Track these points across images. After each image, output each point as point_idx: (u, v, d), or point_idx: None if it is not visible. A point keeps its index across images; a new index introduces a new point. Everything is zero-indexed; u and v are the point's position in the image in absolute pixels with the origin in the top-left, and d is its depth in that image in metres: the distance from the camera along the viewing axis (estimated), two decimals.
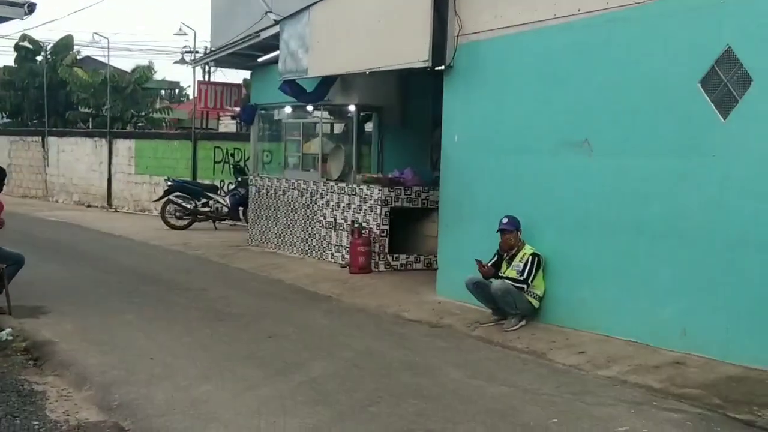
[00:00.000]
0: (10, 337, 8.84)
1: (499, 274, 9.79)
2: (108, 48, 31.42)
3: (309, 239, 15.35)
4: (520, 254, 9.79)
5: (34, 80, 32.98)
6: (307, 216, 15.41)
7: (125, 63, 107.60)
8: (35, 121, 33.55)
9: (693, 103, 8.26)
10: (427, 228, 14.08)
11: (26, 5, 10.20)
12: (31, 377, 7.66)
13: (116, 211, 25.67)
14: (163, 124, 34.44)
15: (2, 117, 35.81)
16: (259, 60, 17.24)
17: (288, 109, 16.66)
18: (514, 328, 9.54)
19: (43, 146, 29.24)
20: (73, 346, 8.65)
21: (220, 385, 7.45)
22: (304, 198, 15.54)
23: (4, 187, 10.29)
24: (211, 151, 23.49)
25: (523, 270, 9.64)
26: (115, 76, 32.36)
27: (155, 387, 7.33)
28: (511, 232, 9.81)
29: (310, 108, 16.04)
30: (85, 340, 8.96)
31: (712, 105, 8.11)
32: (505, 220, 9.85)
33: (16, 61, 34.20)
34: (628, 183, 8.91)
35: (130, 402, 6.95)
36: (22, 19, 10.62)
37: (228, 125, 36.63)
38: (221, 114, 31.90)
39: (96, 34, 40.95)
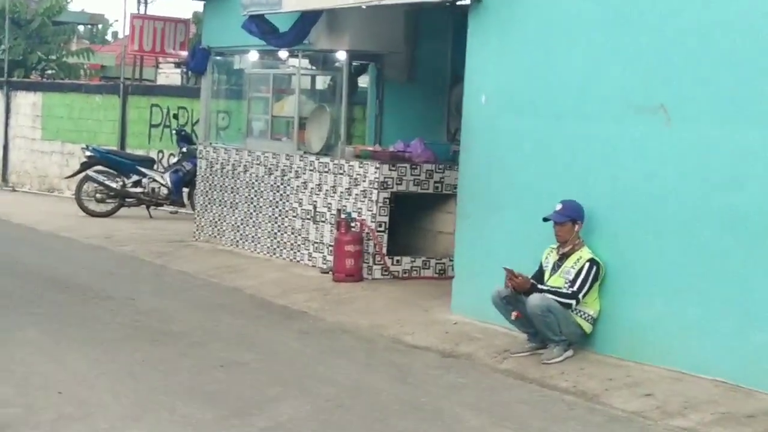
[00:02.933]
0: None
1: (540, 285, 9.77)
2: None
3: (279, 234, 15.37)
4: (575, 257, 9.78)
5: None
6: (277, 202, 15.43)
7: None
8: None
9: None
10: (441, 221, 14.09)
11: None
12: None
13: (14, 190, 25.67)
14: (82, 73, 34.41)
15: None
16: None
17: (253, 56, 16.64)
18: (557, 359, 9.56)
19: None
20: None
21: (152, 428, 7.46)
22: (273, 177, 15.55)
23: None
24: (146, 110, 23.47)
25: (575, 279, 9.64)
26: (16, 5, 32.29)
27: (65, 431, 7.34)
28: (563, 224, 9.82)
29: (283, 55, 16.02)
30: None
31: None
32: (558, 207, 9.85)
33: None
34: (717, 161, 8.92)
35: None
36: None
37: (170, 76, 36.59)
38: (161, 60, 31.90)
39: None
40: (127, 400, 8.12)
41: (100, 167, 20.18)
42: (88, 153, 20.55)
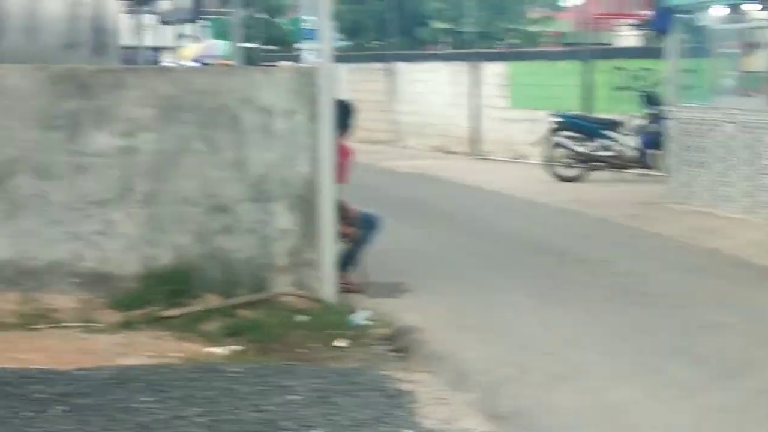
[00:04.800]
0: (369, 322, 9.41)
1: None
2: None
3: (754, 192, 14.88)
4: None
5: None
6: (750, 160, 14.94)
7: None
8: (377, 43, 35.12)
9: None
10: None
11: None
12: (395, 373, 8.08)
13: (484, 159, 26.34)
14: (542, 41, 34.81)
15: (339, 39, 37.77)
16: None
17: (718, 11, 16.22)
18: None
19: (390, 75, 30.59)
20: (445, 335, 9.04)
21: (643, 389, 7.49)
22: (744, 135, 15.08)
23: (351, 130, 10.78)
24: (608, 74, 23.40)
25: None
26: None
27: (556, 390, 7.51)
28: None
29: (750, 7, 15.51)
30: (458, 326, 9.34)
31: None
32: None
33: None
34: None
35: (526, 409, 7.16)
36: None
37: (627, 38, 36.37)
38: (618, 23, 31.75)
39: None
40: (614, 361, 8.19)
41: (568, 133, 20.36)
42: (555, 119, 20.76)
